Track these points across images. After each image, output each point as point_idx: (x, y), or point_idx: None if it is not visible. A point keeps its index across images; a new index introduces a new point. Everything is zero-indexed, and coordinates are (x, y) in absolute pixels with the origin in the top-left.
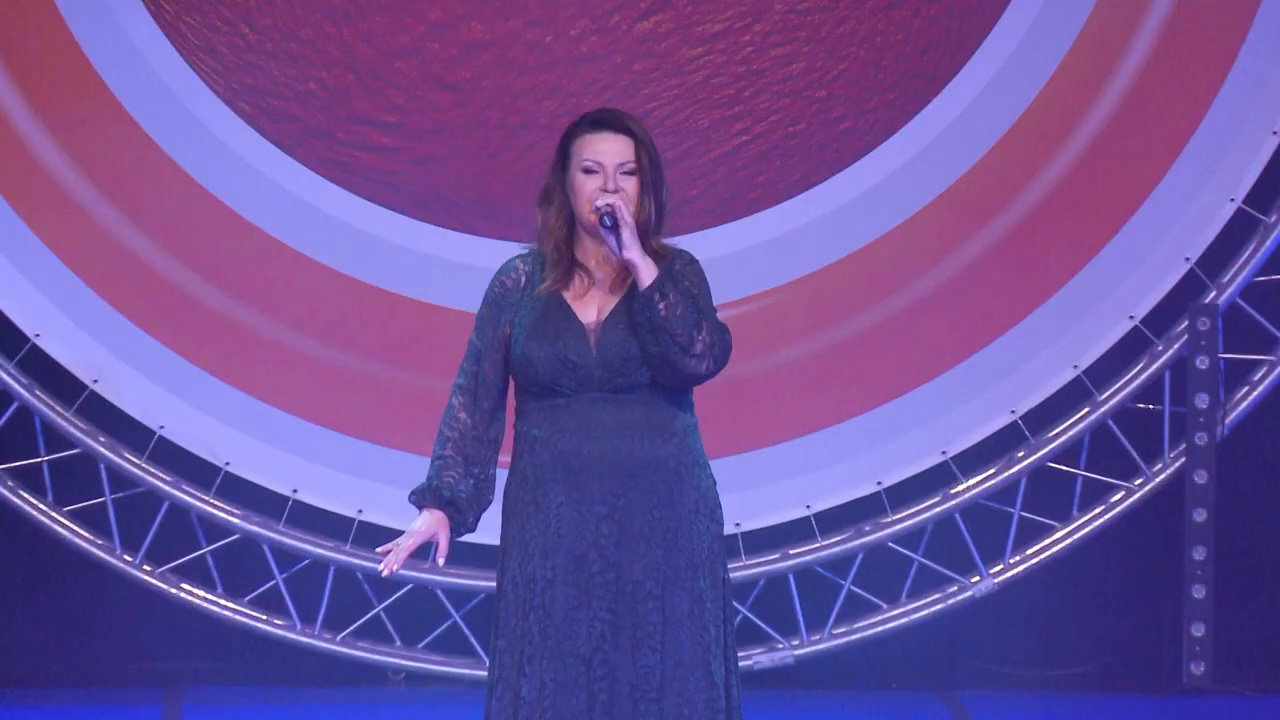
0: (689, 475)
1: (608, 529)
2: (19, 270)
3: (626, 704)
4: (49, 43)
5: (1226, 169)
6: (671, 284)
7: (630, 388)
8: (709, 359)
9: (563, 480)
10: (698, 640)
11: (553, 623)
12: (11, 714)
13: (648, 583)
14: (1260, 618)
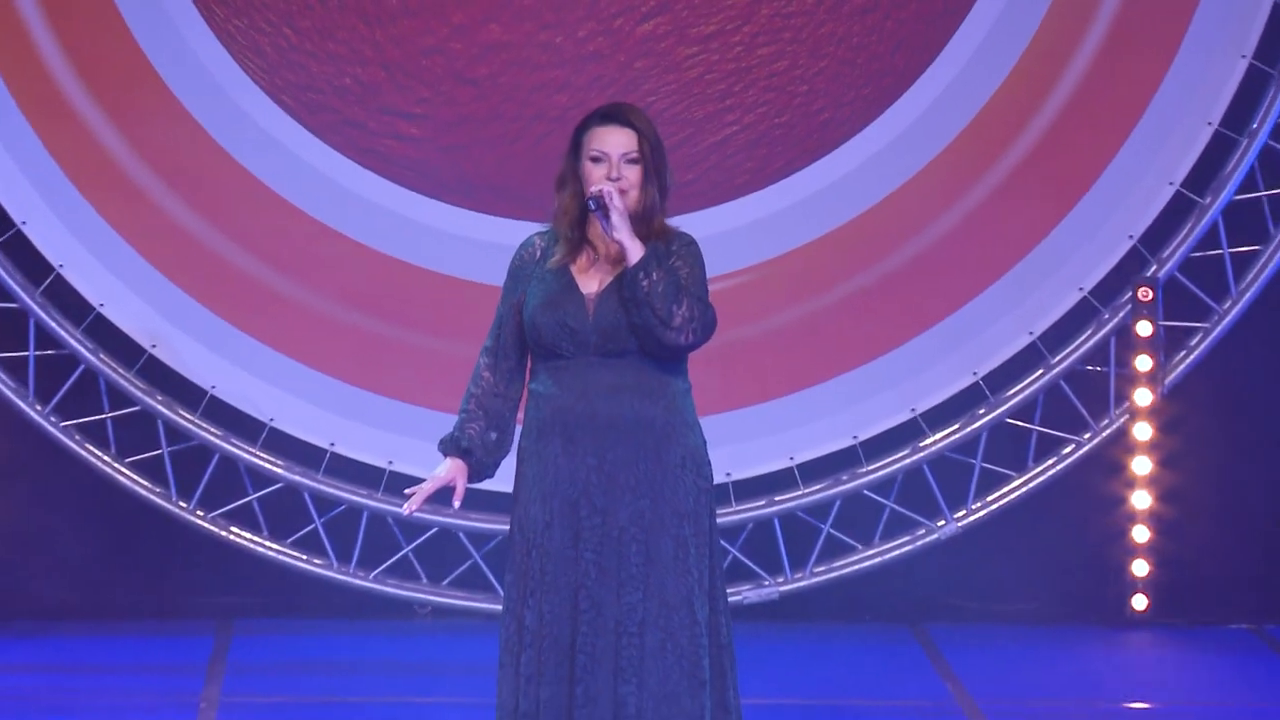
0: (676, 434)
1: (596, 478)
2: (85, 247)
3: (610, 637)
4: (114, 46)
5: (1166, 156)
6: (656, 263)
7: (623, 353)
8: (687, 332)
9: (560, 433)
10: (681, 582)
11: (550, 561)
12: (77, 643)
13: (632, 528)
14: (1196, 558)
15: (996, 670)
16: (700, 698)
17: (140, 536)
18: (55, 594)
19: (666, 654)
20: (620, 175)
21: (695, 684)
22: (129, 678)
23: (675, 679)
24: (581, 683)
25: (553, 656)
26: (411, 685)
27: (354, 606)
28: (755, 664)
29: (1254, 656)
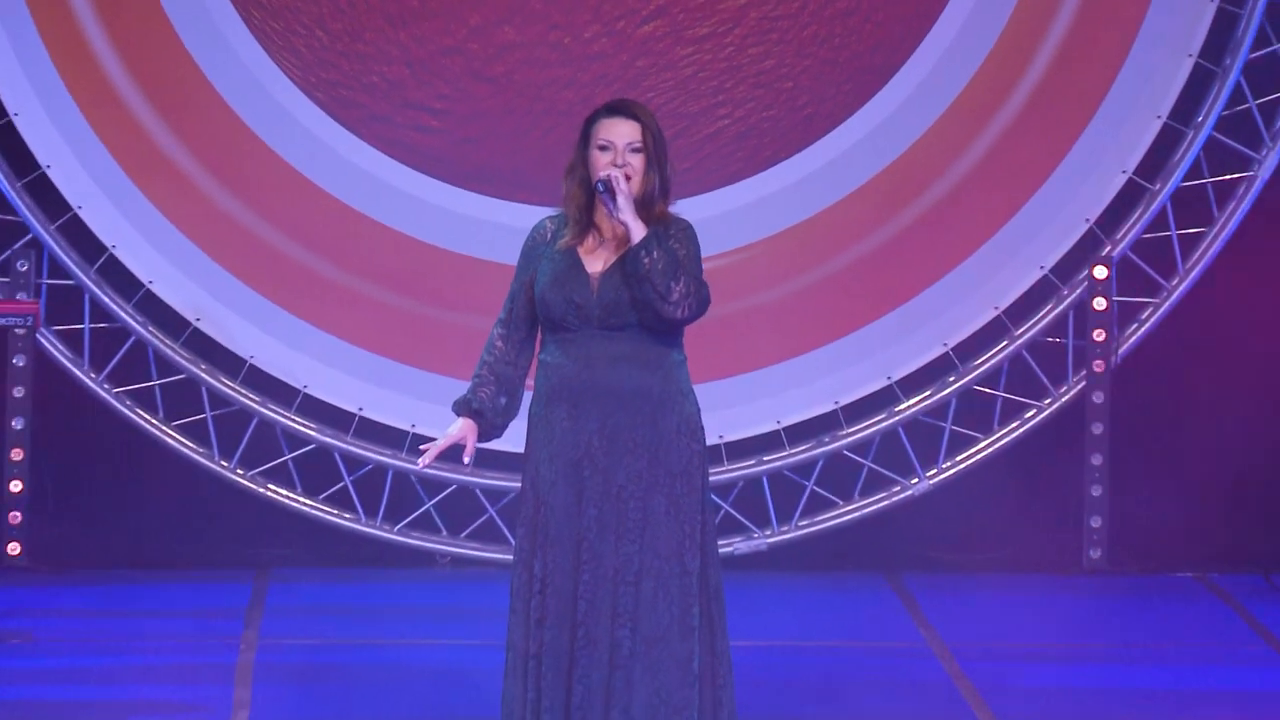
0: (671, 402)
1: (598, 441)
2: (136, 229)
3: (608, 585)
4: (162, 46)
5: (1119, 146)
6: (657, 243)
7: (623, 327)
8: (684, 307)
9: (566, 399)
10: (673, 536)
11: (555, 516)
12: (127, 590)
13: (630, 486)
14: (1146, 513)
15: (965, 615)
16: (689, 642)
17: (185, 493)
18: (108, 545)
19: (659, 601)
20: (625, 162)
21: (685, 629)
22: (176, 621)
23: (667, 624)
24: (582, 626)
25: (556, 603)
26: (432, 628)
27: (380, 556)
28: (744, 610)
29: (1198, 601)
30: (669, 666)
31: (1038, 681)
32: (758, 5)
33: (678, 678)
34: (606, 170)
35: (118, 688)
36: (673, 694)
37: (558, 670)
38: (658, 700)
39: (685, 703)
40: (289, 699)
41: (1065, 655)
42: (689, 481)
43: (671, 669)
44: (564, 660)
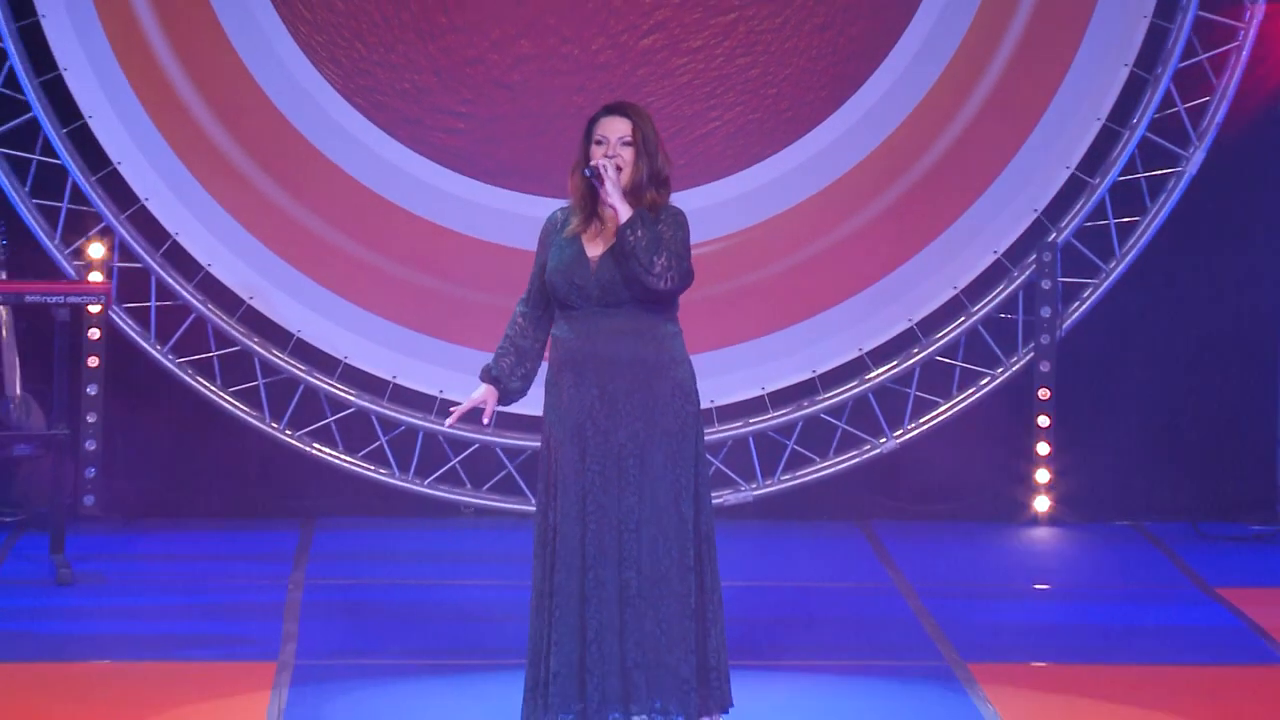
0: (665, 369)
1: (599, 405)
2: (196, 219)
3: (613, 534)
4: (219, 57)
5: (1063, 145)
6: (641, 223)
7: (620, 303)
8: (666, 279)
9: (571, 369)
10: (670, 488)
11: (563, 472)
12: (187, 537)
13: (629, 445)
14: (1086, 469)
15: (926, 558)
16: (688, 580)
17: (240, 451)
18: (171, 497)
19: (659, 546)
20: (615, 154)
21: (683, 570)
22: (231, 564)
23: (667, 566)
24: (592, 569)
25: (565, 549)
26: (458, 571)
27: (412, 507)
28: (733, 553)
29: (1133, 546)
30: (670, 602)
31: (990, 617)
32: (745, 21)
33: (678, 611)
34: (598, 161)
35: (180, 623)
36: (673, 625)
37: (568, 609)
38: (659, 631)
39: (684, 632)
40: (331, 633)
41: (1015, 594)
42: (683, 440)
43: (672, 604)
44: (575, 600)
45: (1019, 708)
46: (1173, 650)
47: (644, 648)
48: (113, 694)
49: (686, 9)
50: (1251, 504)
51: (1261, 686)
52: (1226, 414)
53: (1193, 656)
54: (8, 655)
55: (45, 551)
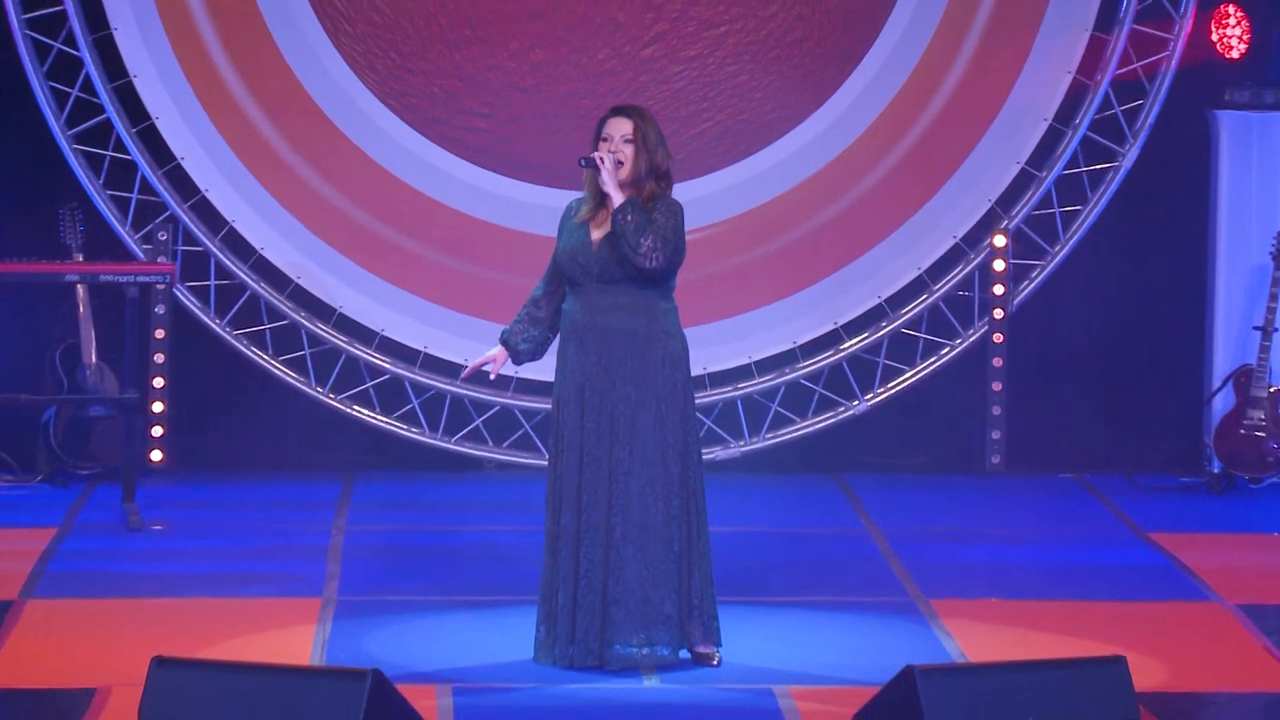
0: (657, 340)
1: (596, 370)
2: (250, 207)
3: (605, 483)
4: (270, 65)
5: (1014, 143)
6: (632, 209)
7: (617, 281)
8: (651, 258)
9: (574, 338)
10: (657, 445)
11: (565, 428)
12: (243, 488)
13: (622, 406)
14: (1034, 428)
15: (894, 507)
16: (671, 528)
17: (288, 413)
18: (229, 453)
19: (646, 496)
20: (617, 149)
21: (667, 518)
22: (281, 512)
23: (652, 514)
24: (585, 514)
25: (567, 495)
26: (482, 518)
27: (439, 462)
28: (722, 503)
29: (1075, 496)
30: (654, 546)
31: (950, 558)
32: (734, 34)
33: (661, 554)
34: (595, 153)
35: (237, 563)
36: (656, 567)
37: (570, 549)
38: (646, 571)
39: (667, 574)
40: (369, 572)
41: (972, 538)
42: (671, 403)
43: (656, 548)
44: (573, 541)
45: (975, 638)
46: (1110, 587)
47: (625, 585)
48: (176, 626)
49: (682, 23)
50: (1179, 459)
51: (1187, 618)
52: (1158, 380)
53: (1127, 593)
54: (85, 592)
55: (118, 500)
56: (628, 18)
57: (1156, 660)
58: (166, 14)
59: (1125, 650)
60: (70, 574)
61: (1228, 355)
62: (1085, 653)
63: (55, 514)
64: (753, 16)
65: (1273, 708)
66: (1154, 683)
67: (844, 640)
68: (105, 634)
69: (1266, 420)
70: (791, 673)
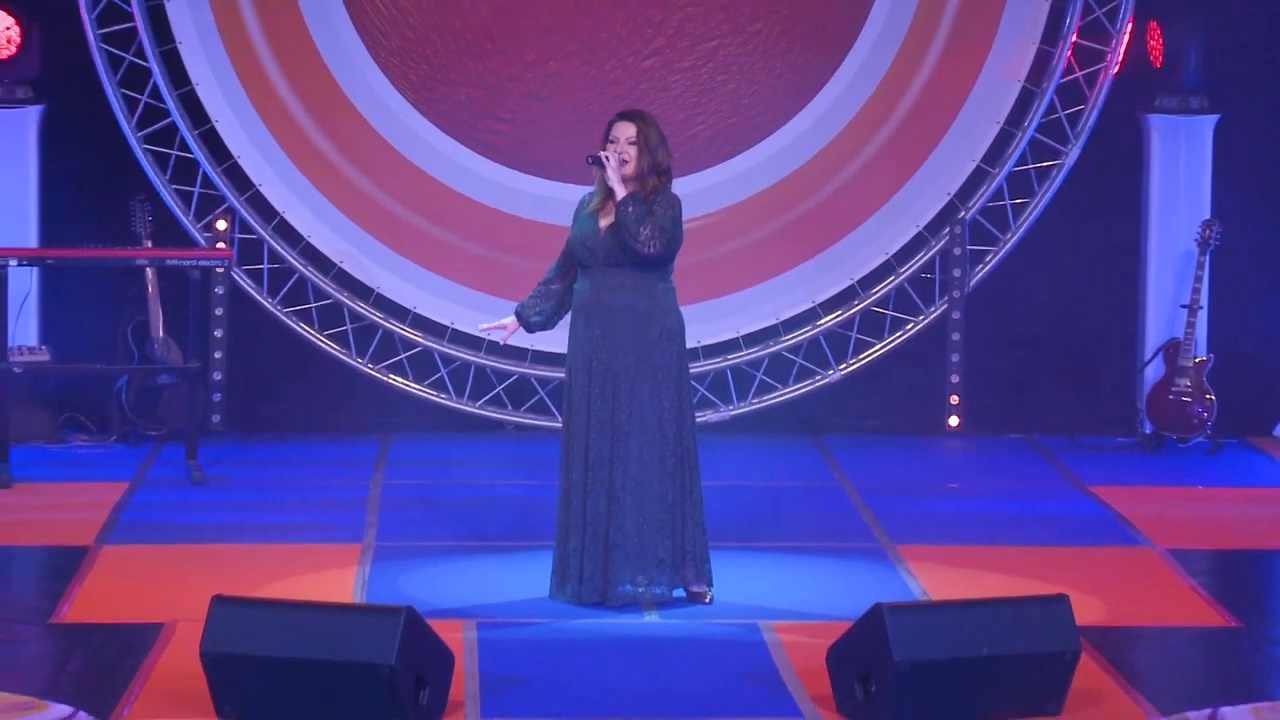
0: (655, 317)
1: (601, 342)
2: (299, 200)
3: (608, 444)
4: (316, 75)
5: (970, 143)
6: (634, 201)
7: (620, 264)
8: (650, 245)
9: (583, 315)
10: (654, 410)
11: (575, 395)
12: (292, 447)
13: (623, 375)
14: (988, 394)
15: (864, 463)
16: (665, 482)
17: (332, 381)
18: (279, 417)
19: (643, 455)
20: (622, 149)
21: (662, 474)
22: (326, 468)
23: (649, 471)
24: (591, 470)
25: (577, 452)
26: (503, 474)
27: (466, 425)
28: (713, 460)
29: (1024, 455)
30: (651, 499)
31: (914, 509)
32: (724, 48)
33: (657, 506)
34: (609, 152)
35: (286, 513)
36: (653, 517)
37: (579, 500)
38: (643, 520)
39: (662, 522)
40: (403, 521)
41: (933, 491)
42: (667, 372)
43: (653, 500)
44: (581, 493)
45: (936, 579)
46: (1054, 534)
47: (625, 532)
48: (233, 568)
49: (678, 38)
50: (1115, 422)
51: (1122, 562)
52: (1096, 352)
53: (1069, 539)
54: (153, 538)
55: (182, 458)
56: (631, 33)
57: (1095, 598)
58: (225, 30)
59: (1068, 589)
60: (140, 523)
61: (1158, 330)
62: (1033, 592)
63: (127, 470)
64: (741, 32)
65: (1198, 640)
66: (1093, 618)
67: (821, 580)
68: (171, 575)
69: (1192, 387)
70: (775, 609)
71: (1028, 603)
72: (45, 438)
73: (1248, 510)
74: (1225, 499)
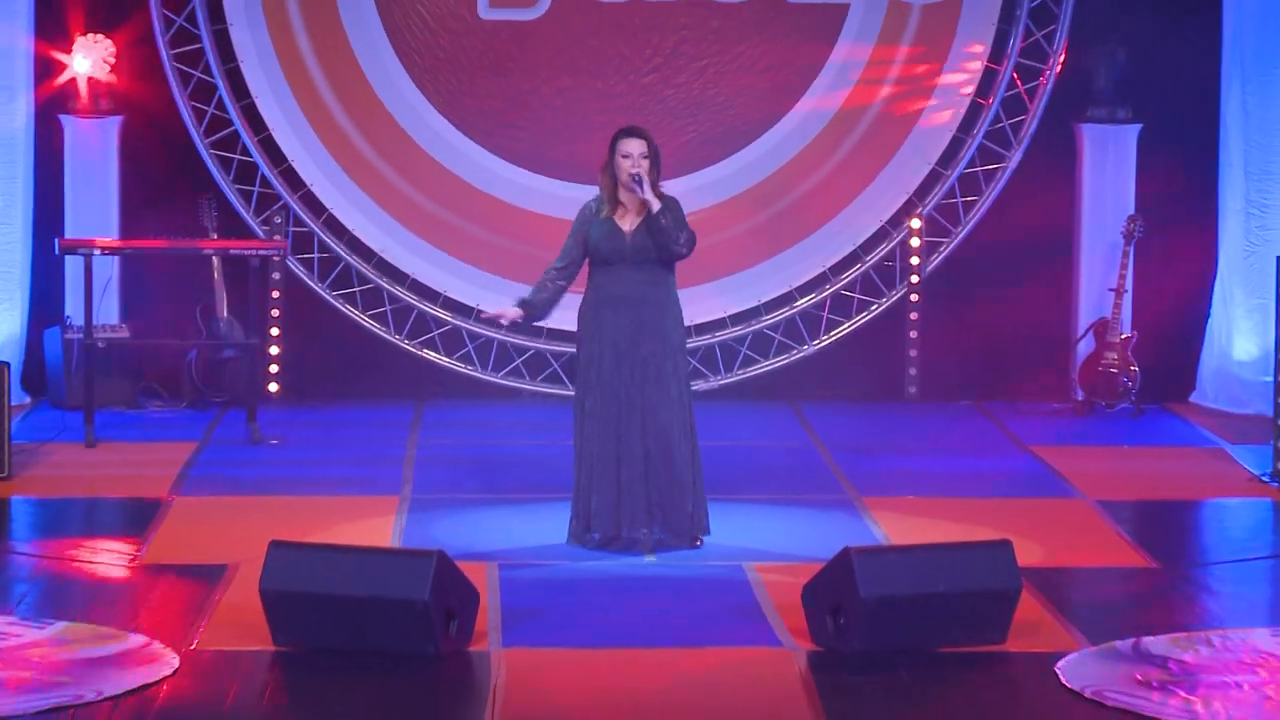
0: (669, 306)
1: (628, 328)
2: (344, 197)
3: (638, 415)
4: (359, 89)
5: (927, 147)
6: (668, 211)
7: (643, 262)
8: (685, 247)
9: (609, 306)
10: (675, 385)
11: (601, 374)
12: (339, 412)
13: (648, 357)
14: (941, 366)
15: (834, 426)
16: (683, 447)
17: (374, 354)
18: (328, 385)
19: (671, 425)
20: (636, 163)
21: (682, 439)
22: (367, 430)
23: (675, 438)
24: (623, 438)
25: (602, 426)
26: (521, 435)
27: (489, 392)
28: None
29: (972, 419)
30: (677, 459)
31: (878, 467)
32: (713, 65)
33: (682, 466)
34: (633, 169)
35: (334, 468)
36: (678, 474)
37: (606, 467)
38: (671, 477)
39: (685, 478)
40: (435, 477)
41: (894, 450)
42: (679, 353)
43: (679, 460)
44: (611, 461)
45: (896, 526)
46: (999, 487)
47: (662, 491)
48: (288, 516)
49: (673, 58)
50: (1052, 389)
51: (1058, 511)
52: (1036, 329)
53: (1012, 491)
54: (219, 491)
55: (244, 421)
56: (632, 53)
57: (1034, 543)
58: (281, 51)
59: (1011, 535)
60: (207, 478)
61: (1089, 310)
62: (980, 537)
63: (196, 432)
64: (727, 52)
65: (1123, 579)
66: (1032, 560)
67: (797, 528)
68: (234, 523)
69: (1118, 360)
70: (757, 552)
71: (976, 547)
72: (125, 404)
73: (1167, 466)
74: (1147, 457)
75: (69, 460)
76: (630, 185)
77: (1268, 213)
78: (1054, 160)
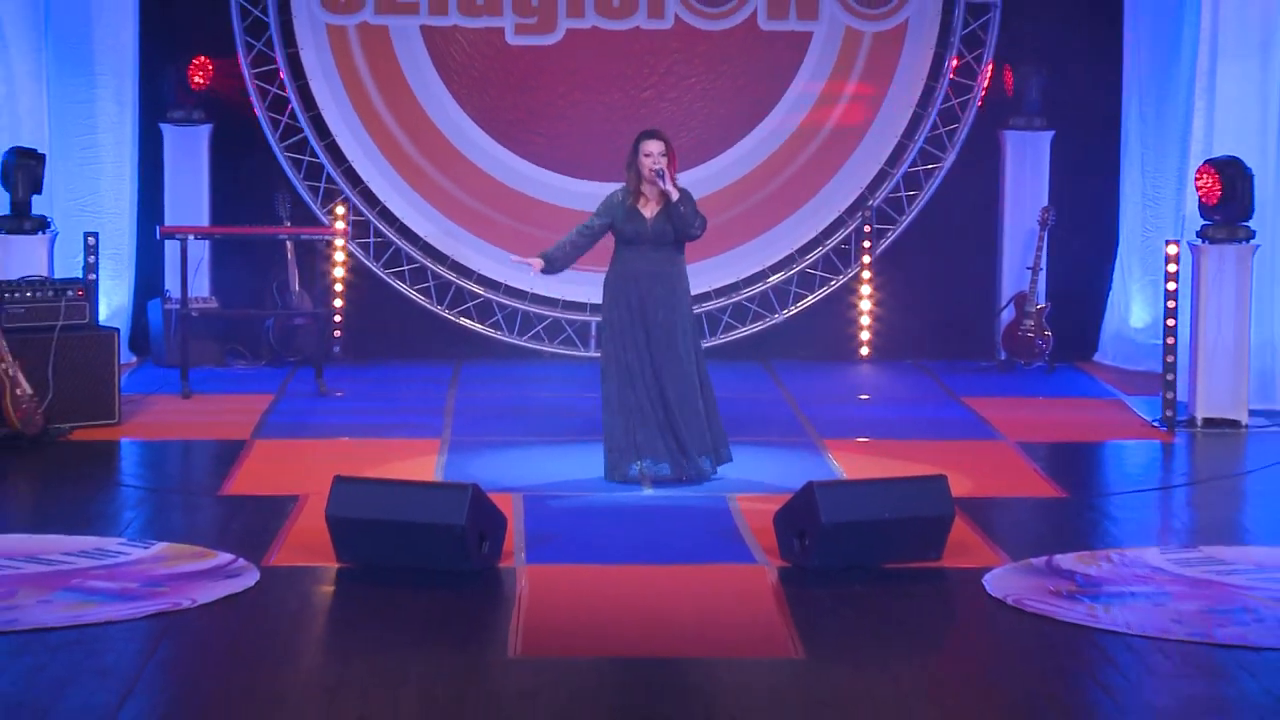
0: (681, 280)
1: (648, 298)
2: (395, 193)
3: (661, 373)
4: (405, 100)
5: (877, 150)
6: (687, 200)
7: (661, 245)
8: (700, 230)
9: (634, 280)
10: (686, 345)
11: (626, 336)
12: (389, 369)
13: (664, 322)
14: (889, 330)
15: (801, 382)
16: (698, 393)
17: (420, 322)
18: (380, 347)
19: (687, 377)
20: (656, 160)
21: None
22: (415, 385)
23: (692, 393)
24: (653, 389)
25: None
26: (546, 389)
27: (515, 353)
28: None
29: (918, 377)
30: (694, 407)
31: (836, 414)
32: (701, 84)
33: (700, 413)
34: (655, 165)
35: (387, 416)
36: (691, 421)
37: (647, 411)
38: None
39: (700, 426)
40: (472, 424)
41: (849, 401)
42: (690, 320)
43: (696, 407)
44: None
45: (852, 463)
46: (936, 431)
47: (690, 429)
48: (349, 456)
49: (668, 76)
50: (980, 350)
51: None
52: (967, 300)
53: (947, 435)
54: (292, 434)
55: (312, 377)
56: (633, 72)
57: (965, 477)
58: (343, 70)
59: (946, 470)
60: (282, 423)
61: (1010, 285)
62: (921, 472)
63: (273, 385)
64: (712, 70)
65: (1038, 507)
66: (963, 491)
67: (769, 465)
68: (305, 461)
69: (1034, 326)
70: (737, 484)
71: (917, 480)
72: (214, 362)
73: (1075, 414)
74: (1058, 406)
75: (168, 409)
76: (653, 179)
77: (1159, 204)
78: (982, 161)
